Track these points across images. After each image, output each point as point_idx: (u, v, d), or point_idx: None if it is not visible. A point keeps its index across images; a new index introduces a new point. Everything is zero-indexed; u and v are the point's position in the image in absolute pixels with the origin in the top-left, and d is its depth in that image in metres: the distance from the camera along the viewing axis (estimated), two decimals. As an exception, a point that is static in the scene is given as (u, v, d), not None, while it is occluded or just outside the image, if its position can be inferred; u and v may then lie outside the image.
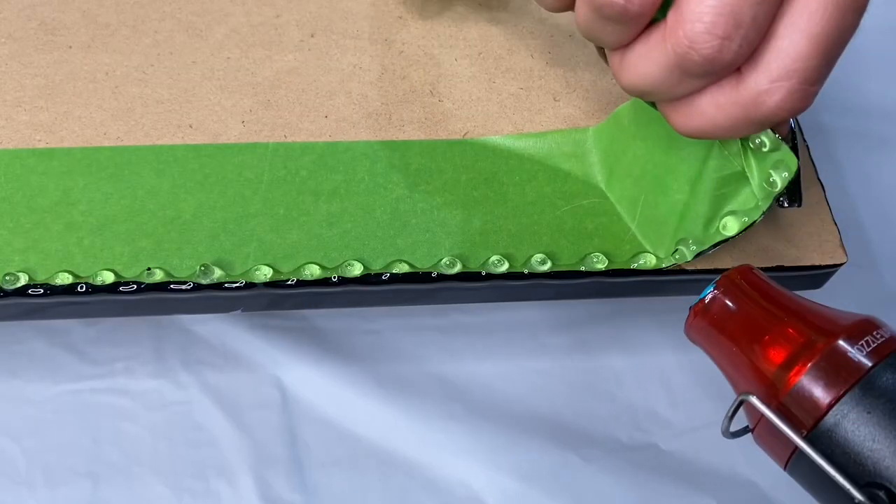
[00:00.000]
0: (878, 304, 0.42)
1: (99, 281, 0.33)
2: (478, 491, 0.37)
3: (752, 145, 0.32)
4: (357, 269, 0.34)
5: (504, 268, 0.35)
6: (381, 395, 0.39)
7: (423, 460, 0.38)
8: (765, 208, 0.32)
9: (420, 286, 0.35)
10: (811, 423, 0.27)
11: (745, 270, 0.31)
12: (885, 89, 0.50)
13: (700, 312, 0.31)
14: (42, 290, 0.33)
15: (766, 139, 0.32)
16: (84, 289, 0.33)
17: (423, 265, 0.35)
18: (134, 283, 0.33)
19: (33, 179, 0.36)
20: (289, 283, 0.34)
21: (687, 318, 0.32)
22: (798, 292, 0.39)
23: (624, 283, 0.35)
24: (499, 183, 0.37)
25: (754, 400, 0.28)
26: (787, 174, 0.32)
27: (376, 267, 0.35)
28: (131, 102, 0.38)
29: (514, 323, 0.41)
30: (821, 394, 0.27)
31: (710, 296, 0.31)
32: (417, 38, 0.41)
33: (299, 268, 0.34)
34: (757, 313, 0.30)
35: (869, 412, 0.26)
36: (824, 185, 0.37)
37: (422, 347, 0.41)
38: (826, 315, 0.30)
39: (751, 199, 0.33)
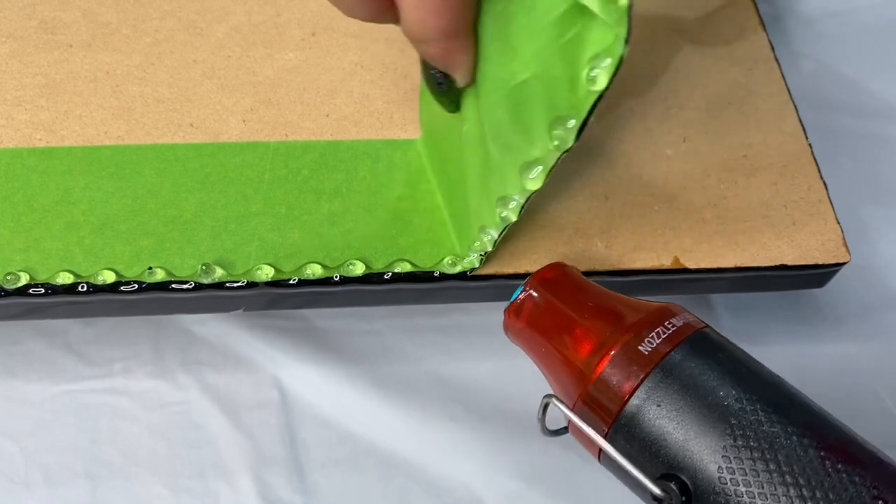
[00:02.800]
0: (881, 303, 0.42)
1: (100, 280, 0.33)
2: (478, 491, 0.37)
3: None
4: (359, 269, 0.34)
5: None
6: (381, 395, 0.39)
7: (423, 461, 0.38)
8: (625, 34, 0.24)
9: (422, 286, 0.35)
10: (613, 416, 0.27)
11: (554, 268, 0.31)
12: (888, 89, 0.50)
13: (513, 313, 0.31)
14: (43, 290, 0.33)
15: None
16: (85, 288, 0.33)
17: (425, 264, 0.35)
18: (135, 282, 0.33)
19: (34, 178, 0.36)
20: (290, 282, 0.34)
21: (503, 320, 0.32)
22: (800, 291, 0.39)
23: (625, 282, 0.35)
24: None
25: (556, 402, 0.28)
26: None
27: (378, 266, 0.34)
28: (132, 101, 0.38)
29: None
30: (618, 386, 0.27)
31: (521, 296, 0.31)
32: (418, 37, 0.41)
33: (301, 267, 0.34)
34: (565, 310, 0.30)
35: (659, 405, 0.26)
36: (827, 184, 0.37)
37: (422, 347, 0.41)
38: (629, 306, 0.29)
39: (605, 32, 0.25)
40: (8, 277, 0.33)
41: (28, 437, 0.37)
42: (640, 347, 0.27)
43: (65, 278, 0.33)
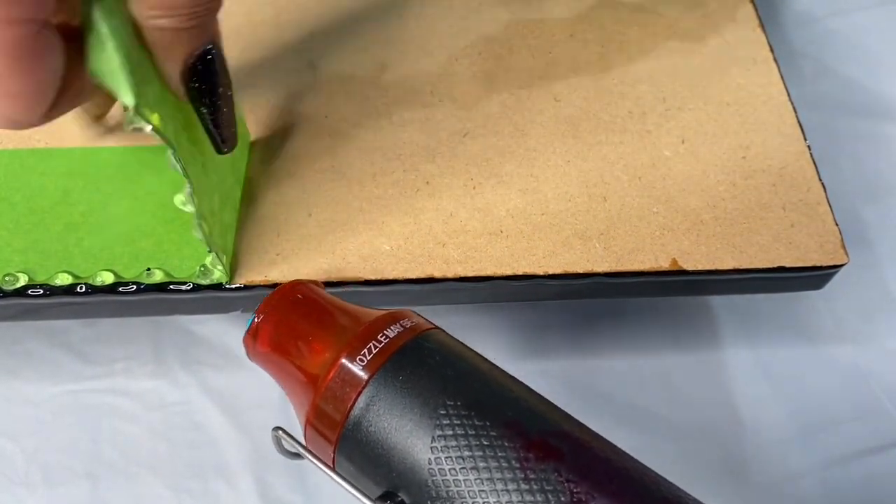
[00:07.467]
0: (880, 305, 0.42)
1: (98, 281, 0.33)
2: (478, 491, 0.37)
3: None
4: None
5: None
6: (381, 395, 0.39)
7: (423, 461, 0.38)
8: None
9: (421, 286, 0.35)
10: (335, 439, 0.26)
11: (286, 289, 0.30)
12: (888, 89, 0.50)
13: (251, 339, 0.30)
14: (42, 291, 0.33)
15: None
16: (83, 289, 0.33)
17: None
18: (133, 283, 0.33)
19: (33, 180, 0.36)
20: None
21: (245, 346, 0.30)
22: (797, 293, 0.39)
23: (626, 283, 0.35)
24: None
25: (282, 434, 0.28)
26: None
27: None
28: (131, 103, 0.38)
29: (514, 323, 0.41)
30: (335, 409, 0.26)
31: (255, 321, 0.30)
32: (417, 37, 0.41)
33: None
34: (298, 330, 0.29)
35: (370, 425, 0.26)
36: (826, 184, 0.37)
37: (422, 348, 0.41)
38: (358, 318, 0.28)
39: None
40: (7, 278, 0.33)
41: (28, 437, 0.38)
42: (352, 366, 0.26)
43: (63, 279, 0.33)
